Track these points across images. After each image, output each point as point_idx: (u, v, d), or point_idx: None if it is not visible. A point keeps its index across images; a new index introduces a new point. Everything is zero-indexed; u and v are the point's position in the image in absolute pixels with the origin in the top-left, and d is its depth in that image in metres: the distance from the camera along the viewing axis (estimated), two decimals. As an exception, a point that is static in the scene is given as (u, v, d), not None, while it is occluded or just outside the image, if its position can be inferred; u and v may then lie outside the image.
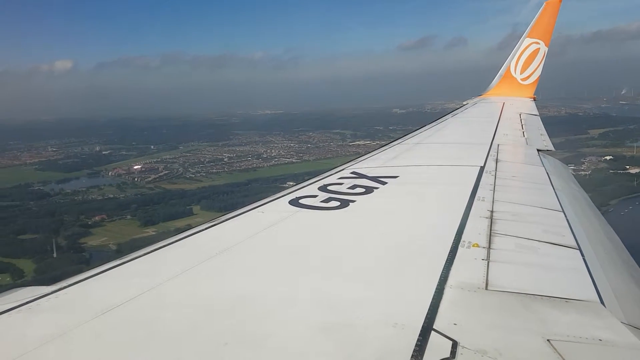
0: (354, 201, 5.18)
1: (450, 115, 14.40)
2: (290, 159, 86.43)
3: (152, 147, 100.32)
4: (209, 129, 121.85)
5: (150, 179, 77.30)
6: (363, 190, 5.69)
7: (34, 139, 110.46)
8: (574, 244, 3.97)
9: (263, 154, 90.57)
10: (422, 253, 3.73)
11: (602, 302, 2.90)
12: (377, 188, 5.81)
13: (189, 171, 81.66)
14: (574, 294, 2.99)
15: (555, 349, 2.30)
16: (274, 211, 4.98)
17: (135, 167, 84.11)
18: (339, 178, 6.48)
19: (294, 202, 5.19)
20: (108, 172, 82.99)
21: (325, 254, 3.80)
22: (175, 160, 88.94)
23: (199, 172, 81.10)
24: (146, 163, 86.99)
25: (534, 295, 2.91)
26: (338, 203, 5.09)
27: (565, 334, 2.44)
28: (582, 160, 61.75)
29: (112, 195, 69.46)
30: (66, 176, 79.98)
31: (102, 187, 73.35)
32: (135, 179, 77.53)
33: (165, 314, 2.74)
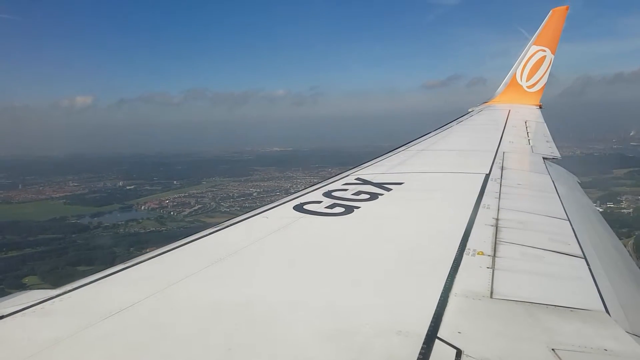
0: (359, 207, 5.17)
1: (455, 122, 14.38)
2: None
3: (175, 182, 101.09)
4: (224, 165, 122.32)
5: (185, 212, 77.57)
6: (368, 196, 5.68)
7: (51, 174, 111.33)
8: (579, 252, 3.95)
9: (290, 189, 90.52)
10: (426, 260, 3.72)
11: (607, 312, 2.88)
12: (381, 194, 5.80)
13: (222, 205, 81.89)
14: (579, 303, 2.97)
15: (560, 358, 2.28)
16: (278, 217, 4.98)
17: (166, 201, 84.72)
18: (343, 184, 6.48)
19: (298, 208, 5.19)
20: (140, 206, 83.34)
21: (329, 260, 3.79)
22: (203, 195, 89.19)
23: (233, 207, 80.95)
24: (175, 197, 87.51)
25: (539, 304, 2.90)
26: (343, 209, 5.09)
27: (570, 344, 2.43)
28: (619, 198, 62.08)
29: (153, 229, 69.82)
30: (99, 210, 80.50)
31: (140, 220, 73.65)
32: (171, 213, 77.96)
33: (170, 318, 2.74)
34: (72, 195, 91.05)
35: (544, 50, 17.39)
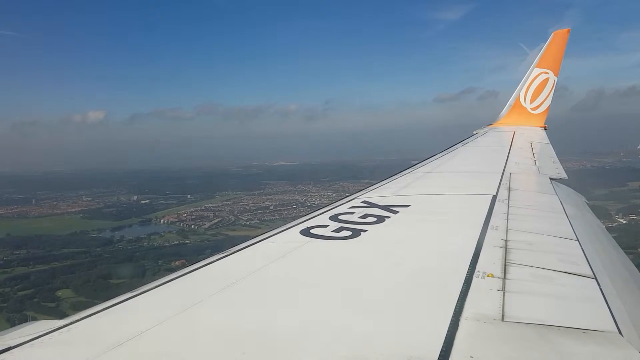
0: (366, 230, 5.15)
1: (460, 144, 14.41)
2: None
3: (189, 196, 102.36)
4: (234, 179, 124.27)
5: (206, 226, 78.43)
6: (374, 219, 5.67)
7: (62, 189, 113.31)
8: (589, 273, 3.90)
9: (306, 202, 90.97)
10: (435, 283, 3.69)
11: (620, 332, 2.84)
12: (388, 217, 5.79)
13: (241, 219, 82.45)
14: (591, 324, 2.93)
15: None
16: (284, 241, 4.97)
17: (184, 214, 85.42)
18: (350, 207, 6.47)
19: (305, 232, 5.18)
20: (159, 220, 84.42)
21: (337, 285, 3.77)
22: (220, 209, 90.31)
23: (252, 220, 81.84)
24: (193, 211, 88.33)
25: (551, 326, 2.86)
26: (349, 232, 5.07)
27: None
28: (640, 210, 62.01)
29: (177, 242, 70.71)
30: (119, 224, 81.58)
31: (162, 234, 74.69)
32: (192, 226, 78.56)
33: (177, 348, 2.72)
34: (89, 210, 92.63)
35: (547, 73, 17.51)
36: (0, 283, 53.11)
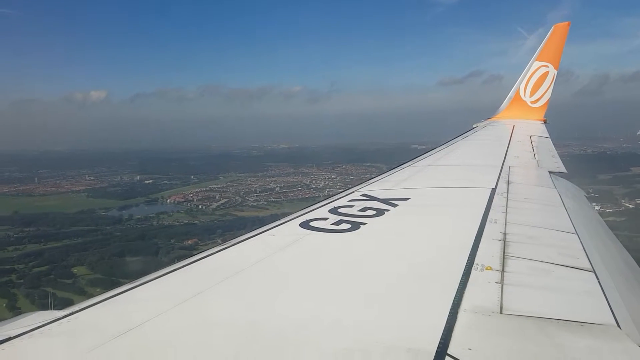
0: (365, 223, 5.16)
1: (460, 137, 14.41)
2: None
3: (192, 176, 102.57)
4: (235, 161, 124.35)
5: (213, 206, 78.56)
6: (374, 212, 5.68)
7: (64, 168, 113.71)
8: (588, 266, 3.92)
9: (310, 184, 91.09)
10: (434, 276, 3.70)
11: (618, 325, 2.85)
12: (388, 210, 5.80)
13: (248, 200, 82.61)
14: (589, 317, 2.94)
15: None
16: (284, 234, 4.98)
17: (190, 195, 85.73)
18: (349, 200, 6.48)
19: (305, 225, 5.19)
20: (165, 200, 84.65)
21: (336, 277, 3.78)
22: (225, 190, 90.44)
23: (259, 201, 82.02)
24: (198, 191, 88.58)
25: (549, 319, 2.87)
26: (349, 225, 5.08)
27: (582, 359, 2.40)
28: (646, 194, 63.03)
29: (186, 221, 70.96)
30: (125, 203, 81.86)
31: (171, 213, 74.89)
32: (199, 206, 78.70)
33: (174, 339, 2.73)
34: (93, 189, 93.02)
35: (547, 66, 17.47)
36: (14, 260, 53.57)
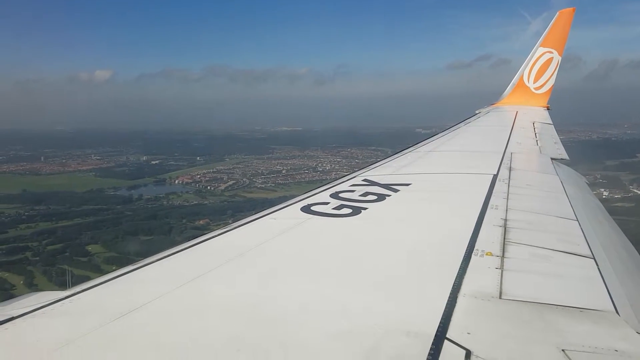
0: (366, 208, 5.17)
1: (462, 123, 14.37)
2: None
3: (198, 158, 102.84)
4: (239, 143, 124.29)
5: (222, 187, 78.84)
6: (375, 197, 5.68)
7: (68, 147, 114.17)
8: (588, 253, 3.93)
9: (317, 167, 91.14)
10: (434, 261, 3.72)
11: (617, 312, 2.87)
12: (389, 195, 5.80)
13: (255, 182, 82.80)
14: (588, 303, 2.96)
15: (570, 359, 2.27)
16: (285, 218, 4.99)
17: (198, 176, 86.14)
18: (350, 185, 6.48)
19: (306, 209, 5.20)
20: (173, 180, 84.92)
21: (337, 261, 3.80)
22: (232, 171, 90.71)
23: (266, 183, 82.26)
24: (205, 173, 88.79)
25: (548, 305, 2.89)
26: (350, 210, 5.09)
27: (581, 344, 2.42)
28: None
29: (196, 202, 71.25)
30: (133, 183, 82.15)
31: (180, 194, 75.15)
32: (208, 187, 78.94)
33: (177, 320, 2.75)
34: (100, 169, 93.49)
35: (551, 52, 17.34)
36: (27, 237, 53.74)
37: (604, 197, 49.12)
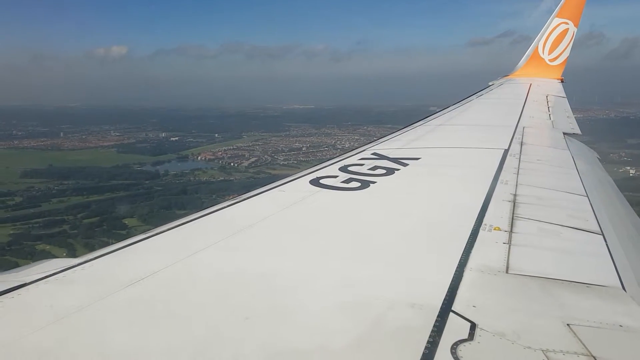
0: (375, 182, 5.17)
1: (475, 96, 14.18)
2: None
3: (216, 135, 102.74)
4: (254, 121, 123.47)
5: (245, 164, 79.11)
6: (384, 171, 5.67)
7: (86, 124, 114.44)
8: (597, 229, 3.92)
9: (336, 144, 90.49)
10: (442, 235, 3.73)
11: (623, 288, 2.87)
12: (398, 169, 5.79)
13: (277, 159, 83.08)
14: (595, 279, 2.96)
15: (575, 333, 2.29)
16: (294, 190, 5.01)
17: (219, 152, 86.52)
18: (359, 159, 6.46)
19: (315, 182, 5.21)
20: (196, 157, 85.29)
21: (345, 234, 3.82)
22: (252, 148, 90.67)
23: (288, 160, 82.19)
24: (226, 150, 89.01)
25: (554, 280, 2.89)
26: (359, 184, 5.09)
27: (586, 319, 2.43)
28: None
29: (222, 178, 71.56)
30: (156, 159, 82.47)
31: (205, 170, 75.48)
32: (231, 164, 79.24)
33: (189, 288, 2.80)
34: (121, 145, 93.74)
35: (567, 23, 16.95)
36: (62, 211, 54.19)
37: (631, 175, 48.43)
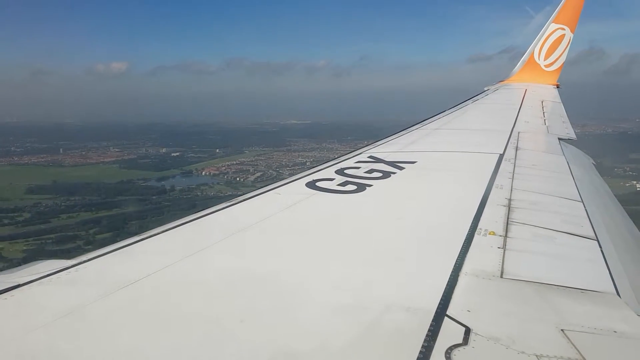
0: (371, 185, 5.17)
1: (470, 101, 14.23)
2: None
3: (217, 150, 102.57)
4: (254, 136, 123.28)
5: (251, 179, 78.55)
6: (380, 174, 5.68)
7: (83, 140, 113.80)
8: (592, 234, 3.93)
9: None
10: (437, 239, 3.73)
11: (618, 294, 2.88)
12: (394, 173, 5.79)
13: (282, 173, 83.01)
14: (590, 284, 2.97)
15: (569, 338, 2.29)
16: (290, 193, 5.00)
17: (223, 167, 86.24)
18: (356, 162, 6.47)
19: (311, 185, 5.21)
20: (200, 172, 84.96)
21: (340, 237, 3.82)
22: (255, 163, 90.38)
23: (295, 174, 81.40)
24: (230, 165, 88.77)
25: (549, 285, 2.90)
26: (355, 187, 5.09)
27: (580, 324, 2.43)
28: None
29: (230, 193, 70.95)
30: (161, 175, 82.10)
31: (211, 185, 75.10)
32: (237, 179, 78.88)
33: (182, 291, 2.79)
34: (123, 160, 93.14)
35: (563, 29, 17.04)
36: (73, 227, 53.69)
37: (638, 189, 48.46)
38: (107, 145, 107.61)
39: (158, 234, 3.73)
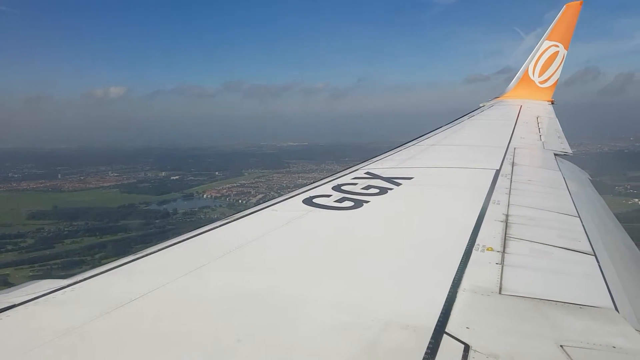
0: (368, 202, 5.17)
1: (466, 117, 14.32)
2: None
3: (216, 173, 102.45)
4: (251, 158, 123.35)
5: (253, 201, 78.16)
6: (377, 190, 5.68)
7: (81, 165, 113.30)
8: (589, 249, 3.93)
9: None
10: (435, 255, 3.72)
11: (616, 309, 2.87)
12: (391, 189, 5.80)
13: (284, 195, 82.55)
14: (588, 300, 2.96)
15: (568, 354, 2.28)
16: (287, 210, 5.00)
17: (224, 190, 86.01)
18: (353, 178, 6.48)
19: (308, 201, 5.21)
20: (201, 195, 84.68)
21: (338, 253, 3.81)
22: (256, 185, 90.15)
23: None
24: (230, 187, 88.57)
25: (547, 301, 2.89)
26: (352, 203, 5.09)
27: (579, 340, 2.42)
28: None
29: None
30: (162, 198, 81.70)
31: (214, 207, 74.65)
32: (239, 201, 78.22)
33: (178, 310, 2.77)
34: (122, 185, 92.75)
35: (557, 46, 17.25)
36: (78, 252, 53.43)
37: None
38: (106, 169, 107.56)
39: (155, 252, 3.72)
